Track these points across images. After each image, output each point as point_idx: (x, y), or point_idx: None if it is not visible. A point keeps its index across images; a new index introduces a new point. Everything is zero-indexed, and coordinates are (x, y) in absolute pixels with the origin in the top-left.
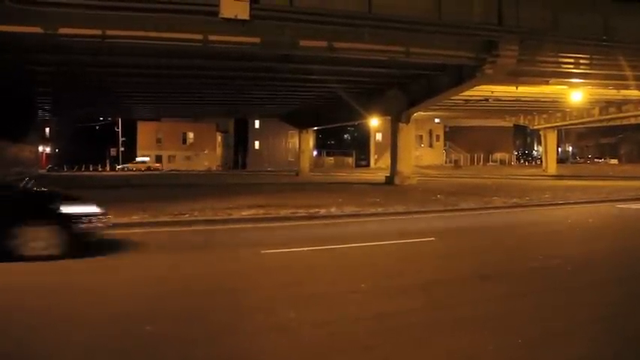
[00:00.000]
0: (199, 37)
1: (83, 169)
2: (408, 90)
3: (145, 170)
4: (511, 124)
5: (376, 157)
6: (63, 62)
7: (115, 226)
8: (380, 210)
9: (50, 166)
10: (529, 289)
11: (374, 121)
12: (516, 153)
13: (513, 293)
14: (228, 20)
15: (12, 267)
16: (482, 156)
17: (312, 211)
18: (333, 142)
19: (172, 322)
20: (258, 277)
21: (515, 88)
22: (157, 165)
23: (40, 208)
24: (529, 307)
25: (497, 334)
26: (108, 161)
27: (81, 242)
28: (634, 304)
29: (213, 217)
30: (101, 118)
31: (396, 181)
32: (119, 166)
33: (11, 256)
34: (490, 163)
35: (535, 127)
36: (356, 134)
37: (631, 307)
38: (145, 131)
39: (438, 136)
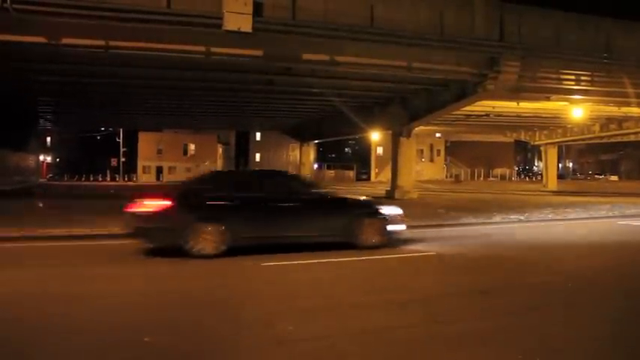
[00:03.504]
0: (202, 48)
1: (84, 179)
2: (409, 104)
3: None
4: (512, 140)
5: (377, 170)
6: (65, 72)
7: (115, 236)
8: None
9: (50, 175)
10: (529, 304)
11: (375, 135)
12: (517, 168)
13: (513, 309)
14: (231, 32)
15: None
16: (482, 171)
17: None
18: (334, 155)
19: (172, 334)
20: (257, 289)
21: (516, 103)
22: None
23: (374, 209)
24: (529, 322)
25: (497, 350)
26: (109, 171)
27: (391, 235)
28: (634, 321)
29: None
30: (102, 128)
31: (397, 195)
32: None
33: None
34: (491, 178)
35: (536, 143)
36: (357, 148)
37: (631, 324)
38: (146, 142)
39: (438, 151)
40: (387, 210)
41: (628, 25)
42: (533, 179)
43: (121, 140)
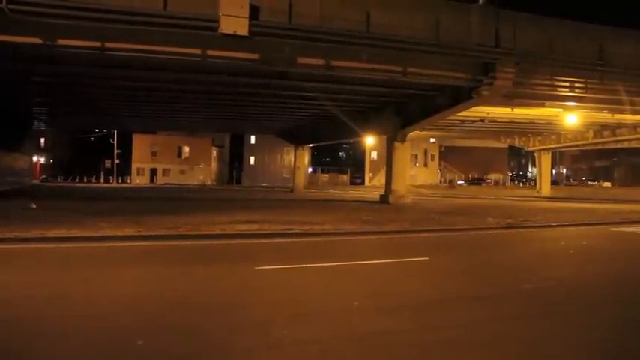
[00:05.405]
0: (198, 51)
1: (77, 181)
2: (404, 109)
3: None
4: (506, 145)
5: (371, 175)
6: (61, 73)
7: (109, 239)
8: (374, 228)
9: (44, 176)
10: (522, 311)
11: (369, 140)
12: (510, 174)
13: (506, 315)
14: (228, 36)
15: None
16: (476, 176)
17: (306, 228)
18: (328, 159)
19: (165, 337)
20: (251, 293)
21: (510, 109)
22: None
23: None
24: (522, 329)
25: (490, 355)
26: (102, 173)
27: None
28: (628, 328)
29: (207, 231)
30: (97, 130)
31: (391, 199)
32: None
33: None
34: (485, 183)
35: (530, 149)
36: (351, 152)
37: (625, 331)
38: (140, 144)
39: (432, 156)
40: None
41: (621, 32)
42: (527, 185)
43: (115, 142)
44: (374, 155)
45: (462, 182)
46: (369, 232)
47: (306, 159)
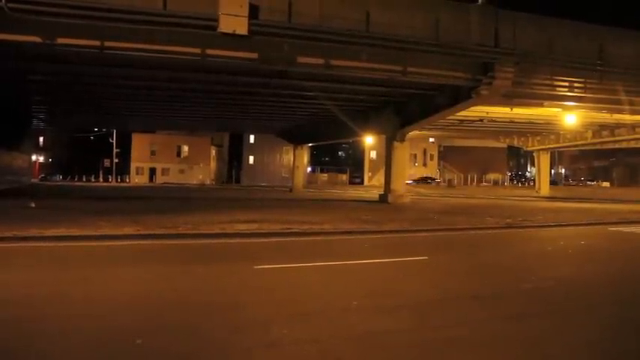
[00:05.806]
0: (197, 50)
1: (76, 180)
2: (403, 109)
3: None
4: (505, 145)
5: (370, 174)
6: (60, 72)
7: (108, 237)
8: (373, 228)
9: (43, 175)
10: (522, 310)
11: (369, 139)
12: (509, 174)
13: (506, 314)
14: (227, 35)
15: None
16: (475, 176)
17: (305, 227)
18: (327, 158)
19: (164, 337)
20: (251, 292)
21: (510, 109)
22: None
23: None
24: (522, 328)
25: (489, 355)
26: (101, 172)
27: None
28: (627, 328)
29: (206, 231)
30: (96, 129)
31: (390, 199)
32: None
33: None
34: (484, 183)
35: (529, 149)
36: (350, 151)
37: (624, 331)
38: (139, 143)
39: (432, 156)
40: None
41: (621, 32)
42: (526, 185)
43: (114, 141)
44: (373, 155)
45: (410, 181)
46: (368, 231)
47: (306, 158)
